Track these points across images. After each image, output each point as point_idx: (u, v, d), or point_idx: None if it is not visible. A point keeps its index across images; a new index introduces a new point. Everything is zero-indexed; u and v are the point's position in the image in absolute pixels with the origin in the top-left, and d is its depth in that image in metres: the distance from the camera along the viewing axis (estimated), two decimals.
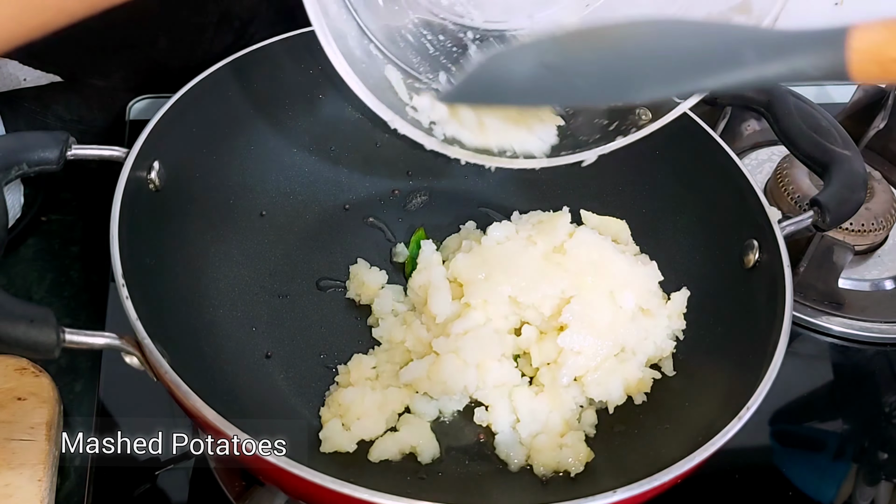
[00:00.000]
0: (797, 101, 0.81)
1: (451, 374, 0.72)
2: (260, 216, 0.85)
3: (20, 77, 0.93)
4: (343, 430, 0.70)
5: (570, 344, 0.73)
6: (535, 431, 0.72)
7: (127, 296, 0.61)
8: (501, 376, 0.74)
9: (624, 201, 0.88)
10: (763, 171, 1.05)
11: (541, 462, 0.71)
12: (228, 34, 0.96)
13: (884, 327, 0.92)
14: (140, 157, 0.70)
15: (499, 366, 0.74)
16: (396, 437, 0.71)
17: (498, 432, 0.73)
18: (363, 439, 0.70)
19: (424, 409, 0.73)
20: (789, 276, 0.70)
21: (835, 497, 0.80)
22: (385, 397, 0.73)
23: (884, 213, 0.97)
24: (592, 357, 0.73)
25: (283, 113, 0.87)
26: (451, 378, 0.72)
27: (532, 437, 0.72)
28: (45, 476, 0.69)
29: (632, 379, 0.74)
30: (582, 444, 0.72)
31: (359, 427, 0.70)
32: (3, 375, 0.74)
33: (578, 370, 0.73)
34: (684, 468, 0.58)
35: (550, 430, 0.72)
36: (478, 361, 0.73)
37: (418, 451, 0.71)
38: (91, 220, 0.95)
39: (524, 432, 0.72)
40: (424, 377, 0.73)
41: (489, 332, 0.74)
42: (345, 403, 0.72)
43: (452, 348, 0.73)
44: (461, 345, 0.73)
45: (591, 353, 0.73)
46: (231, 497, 0.72)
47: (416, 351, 0.76)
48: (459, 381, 0.72)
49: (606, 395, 0.74)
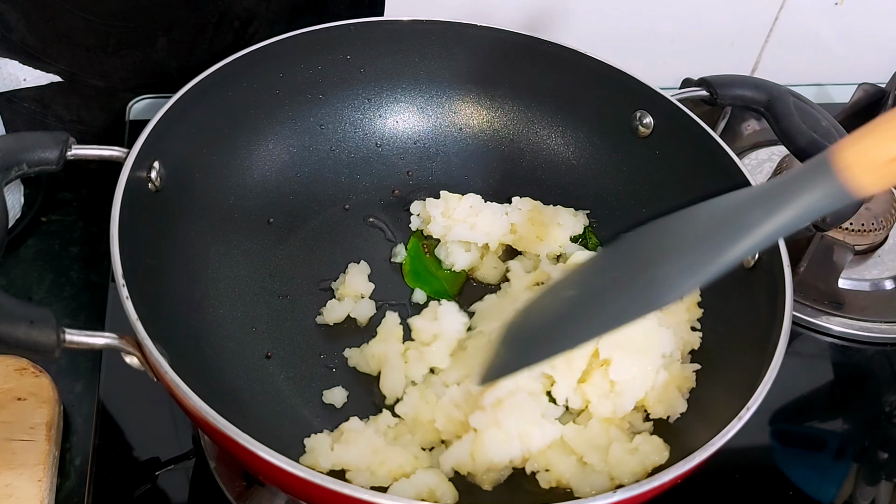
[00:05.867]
0: (797, 101, 0.81)
1: (495, 449, 0.68)
2: (260, 216, 0.85)
3: (20, 77, 0.93)
4: (329, 451, 0.67)
5: (621, 375, 0.71)
6: (605, 453, 0.69)
7: (127, 296, 0.60)
8: (545, 437, 0.69)
9: (624, 202, 0.88)
10: (763, 171, 1.05)
11: (627, 472, 0.67)
12: (228, 34, 0.96)
13: (884, 327, 0.92)
14: (140, 157, 0.70)
15: (541, 430, 0.69)
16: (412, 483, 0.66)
17: (575, 485, 0.68)
18: (341, 467, 0.67)
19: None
20: (789, 276, 0.70)
21: (835, 497, 0.80)
22: (385, 450, 0.68)
23: (884, 213, 0.97)
24: (647, 377, 0.72)
25: (283, 113, 0.87)
26: (496, 453, 0.68)
27: (604, 461, 0.68)
28: (45, 476, 0.69)
29: (680, 379, 0.73)
30: (653, 437, 0.69)
31: (343, 451, 0.67)
32: (3, 375, 0.74)
33: (638, 393, 0.71)
34: (684, 468, 0.58)
35: (618, 439, 0.70)
36: (520, 430, 0.68)
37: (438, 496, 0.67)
38: (91, 220, 0.95)
39: (595, 461, 0.68)
40: (468, 458, 0.68)
41: (524, 397, 0.70)
42: (345, 429, 0.69)
43: (492, 421, 0.68)
44: (500, 416, 0.68)
45: (642, 373, 0.71)
46: (231, 497, 0.72)
47: (448, 430, 0.70)
48: (505, 454, 0.68)
49: (671, 409, 0.72)
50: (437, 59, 0.91)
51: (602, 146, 0.90)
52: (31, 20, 0.90)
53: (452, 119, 0.94)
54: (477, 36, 0.89)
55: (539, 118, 0.93)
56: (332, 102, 0.90)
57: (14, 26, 0.90)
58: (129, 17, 0.92)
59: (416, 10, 0.90)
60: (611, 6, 1.06)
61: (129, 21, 0.92)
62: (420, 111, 0.93)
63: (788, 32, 1.13)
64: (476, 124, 0.94)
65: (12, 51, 0.91)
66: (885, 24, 1.15)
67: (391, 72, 0.91)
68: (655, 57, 1.11)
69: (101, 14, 0.91)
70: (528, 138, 0.93)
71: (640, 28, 1.09)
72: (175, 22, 0.94)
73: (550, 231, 0.85)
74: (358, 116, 0.92)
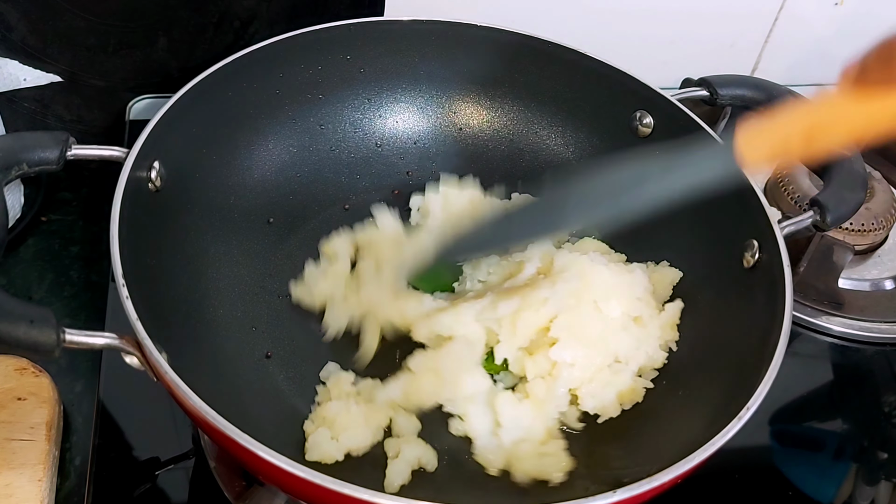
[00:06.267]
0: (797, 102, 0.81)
1: (427, 392, 0.72)
2: (260, 216, 0.85)
3: (20, 77, 0.93)
4: (331, 440, 0.69)
5: (562, 357, 0.72)
6: (518, 438, 0.71)
7: (127, 296, 0.60)
8: (474, 386, 0.73)
9: None
10: (763, 171, 1.05)
11: (521, 469, 0.69)
12: (228, 34, 0.96)
13: (884, 327, 0.92)
14: (140, 157, 0.70)
15: (471, 378, 0.73)
16: (403, 459, 0.69)
17: (475, 439, 0.72)
18: (350, 452, 0.69)
19: (407, 426, 0.72)
20: (789, 276, 0.70)
21: (835, 497, 0.81)
22: (370, 411, 0.71)
23: (884, 213, 0.97)
24: (586, 368, 0.73)
25: (283, 113, 0.87)
26: (427, 395, 0.72)
27: (514, 444, 0.71)
28: (45, 476, 0.69)
29: (625, 389, 0.74)
30: (563, 452, 0.70)
31: (346, 438, 0.69)
32: (3, 375, 0.74)
33: (573, 382, 0.73)
34: (684, 468, 0.58)
35: (532, 437, 0.71)
36: (454, 377, 0.72)
37: (424, 463, 0.70)
38: (91, 220, 0.95)
39: (506, 438, 0.71)
40: (402, 396, 0.72)
41: (461, 346, 0.74)
42: (329, 416, 0.70)
43: (430, 366, 0.73)
44: (437, 361, 0.73)
45: (584, 364, 0.73)
46: (231, 497, 0.72)
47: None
48: (434, 397, 0.72)
49: (601, 407, 0.73)
50: (437, 59, 0.91)
51: (602, 146, 0.90)
52: (32, 20, 0.90)
53: (452, 119, 0.94)
54: (477, 36, 0.90)
55: (539, 118, 0.93)
56: (332, 102, 0.90)
57: (14, 26, 0.90)
58: (130, 17, 0.92)
59: (416, 10, 0.90)
60: (611, 6, 1.06)
61: (129, 21, 0.92)
62: (420, 111, 0.94)
63: (788, 32, 1.13)
64: (476, 124, 0.94)
65: (12, 51, 0.92)
66: (885, 24, 1.15)
67: (391, 72, 0.91)
68: (655, 57, 1.11)
69: (102, 14, 0.91)
70: (528, 138, 0.94)
71: (641, 28, 1.09)
72: (175, 22, 0.94)
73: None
74: (358, 116, 0.92)
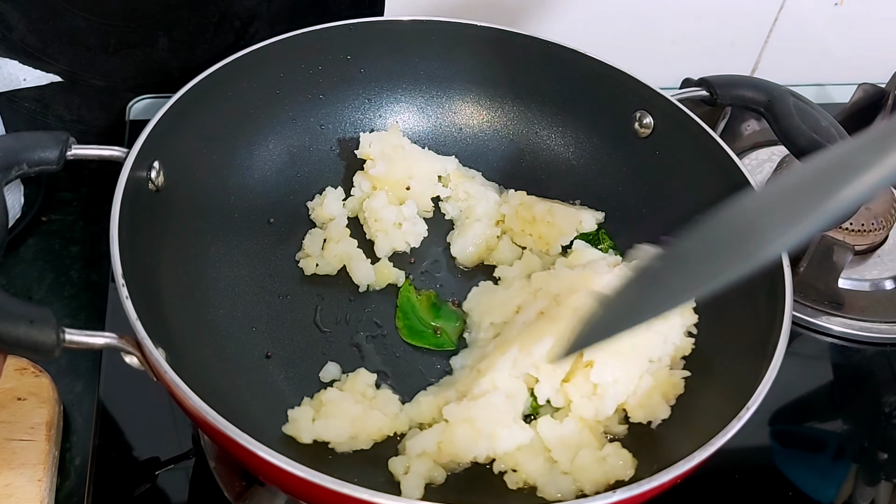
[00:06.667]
0: (797, 101, 0.81)
1: (462, 444, 0.68)
2: (260, 216, 0.85)
3: (20, 77, 0.93)
4: (310, 421, 0.68)
5: (603, 377, 0.70)
6: (573, 455, 0.68)
7: (127, 296, 0.60)
8: (514, 441, 0.69)
9: (624, 202, 0.88)
10: (763, 171, 1.05)
11: (590, 480, 0.67)
12: (229, 34, 0.96)
13: (884, 327, 0.92)
14: (140, 157, 0.70)
15: (510, 432, 0.69)
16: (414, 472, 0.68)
17: (541, 486, 0.68)
18: (320, 439, 0.68)
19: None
20: (789, 276, 0.70)
21: (835, 497, 0.80)
22: (364, 416, 0.70)
23: (884, 213, 0.97)
24: (628, 382, 0.71)
25: (283, 113, 0.87)
26: (462, 447, 0.68)
27: (573, 464, 0.68)
28: (45, 476, 0.69)
29: (667, 386, 0.73)
30: (622, 450, 0.69)
31: (324, 426, 0.68)
32: (3, 375, 0.74)
33: (619, 398, 0.71)
34: (684, 468, 0.58)
35: (586, 446, 0.69)
36: (490, 431, 0.68)
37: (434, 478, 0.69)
38: (91, 220, 0.95)
39: (563, 462, 0.68)
40: (435, 448, 0.68)
41: (500, 398, 0.70)
42: (324, 401, 0.71)
43: (465, 416, 0.69)
44: (473, 412, 0.68)
45: (625, 379, 0.71)
46: (231, 497, 0.72)
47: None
48: (471, 450, 0.68)
49: (653, 415, 0.72)
50: (437, 59, 0.91)
51: (602, 146, 0.90)
52: (32, 20, 0.90)
53: (452, 119, 0.94)
54: (477, 36, 0.89)
55: (539, 118, 0.93)
56: (332, 102, 0.90)
57: (14, 26, 0.90)
58: (130, 17, 0.92)
59: (416, 10, 0.90)
60: (611, 6, 1.06)
61: (129, 21, 0.92)
62: (420, 111, 0.94)
63: (788, 33, 1.13)
64: (476, 124, 0.94)
65: (12, 51, 0.92)
66: (885, 24, 1.16)
67: (391, 72, 0.91)
68: (655, 57, 1.11)
69: (102, 14, 0.91)
70: (528, 138, 0.94)
71: (641, 28, 1.09)
72: (176, 22, 0.94)
73: (553, 226, 0.86)
74: (358, 116, 0.92)
